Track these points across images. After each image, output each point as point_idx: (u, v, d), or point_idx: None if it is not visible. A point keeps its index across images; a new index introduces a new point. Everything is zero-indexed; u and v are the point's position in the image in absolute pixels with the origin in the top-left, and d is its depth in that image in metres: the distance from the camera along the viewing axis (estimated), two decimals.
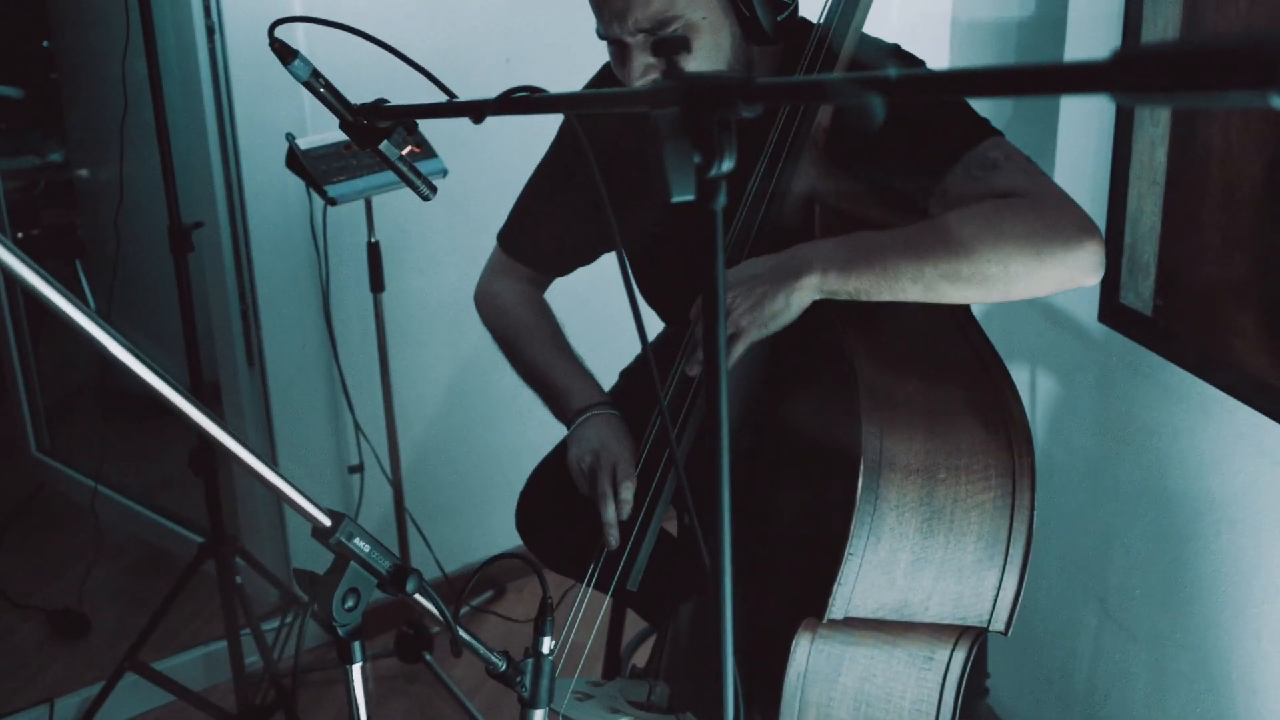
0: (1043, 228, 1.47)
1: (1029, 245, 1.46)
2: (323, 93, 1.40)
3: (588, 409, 1.82)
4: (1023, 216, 1.48)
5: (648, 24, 1.56)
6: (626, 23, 1.56)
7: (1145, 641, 2.14)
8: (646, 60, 1.59)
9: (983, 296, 1.49)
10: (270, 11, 2.61)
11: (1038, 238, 1.46)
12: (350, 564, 1.24)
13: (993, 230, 1.46)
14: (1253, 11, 1.70)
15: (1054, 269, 1.47)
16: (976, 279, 1.46)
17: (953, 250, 1.46)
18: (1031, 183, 1.53)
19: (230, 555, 2.62)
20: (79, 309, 0.95)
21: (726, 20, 1.61)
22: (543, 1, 2.95)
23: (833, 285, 1.48)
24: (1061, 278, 1.49)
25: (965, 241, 1.46)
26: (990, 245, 1.45)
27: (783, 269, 1.51)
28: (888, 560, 1.47)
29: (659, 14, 1.55)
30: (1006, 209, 1.49)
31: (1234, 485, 1.90)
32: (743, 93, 0.82)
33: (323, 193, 2.45)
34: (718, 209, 0.86)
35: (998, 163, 1.54)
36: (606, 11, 1.58)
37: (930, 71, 0.70)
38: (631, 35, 1.57)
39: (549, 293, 2.10)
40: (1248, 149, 1.74)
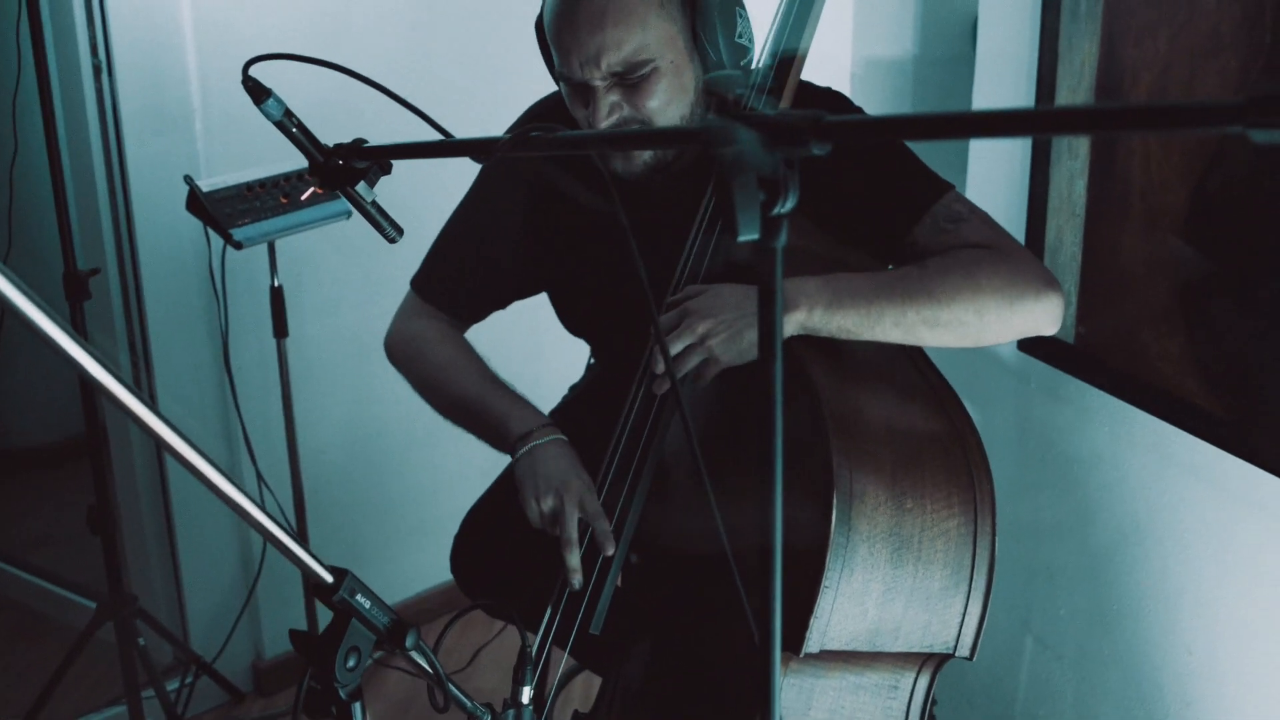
0: (1016, 279, 1.55)
1: (1003, 295, 1.53)
2: (294, 133, 1.35)
3: (531, 433, 1.77)
4: (997, 268, 1.55)
5: (620, 67, 1.57)
6: (600, 66, 1.57)
7: (1072, 661, 2.19)
8: (612, 100, 1.60)
9: (954, 341, 1.55)
10: (159, 49, 2.56)
11: (1011, 288, 1.54)
12: (352, 621, 1.19)
13: (971, 280, 1.53)
14: (1171, 48, 1.77)
15: (1023, 318, 1.56)
16: (953, 325, 1.52)
17: (934, 297, 1.52)
18: (996, 236, 1.62)
19: (132, 616, 2.51)
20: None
21: (691, 63, 1.63)
22: (441, 42, 2.92)
23: (817, 323, 1.50)
24: (1028, 326, 1.58)
25: (945, 289, 1.52)
26: (969, 294, 1.52)
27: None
28: (861, 591, 1.47)
29: (630, 57, 1.57)
30: (984, 260, 1.56)
31: (1160, 504, 1.96)
32: (815, 131, 0.82)
33: (227, 236, 2.37)
34: (779, 246, 0.86)
35: (963, 215, 1.62)
36: (576, 55, 1.58)
37: (1040, 110, 0.71)
38: (601, 79, 1.58)
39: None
40: (1169, 180, 1.80)
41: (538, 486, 1.68)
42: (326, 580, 1.17)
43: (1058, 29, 1.98)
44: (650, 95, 1.61)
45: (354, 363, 2.98)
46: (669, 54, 1.61)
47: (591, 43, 1.58)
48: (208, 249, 2.60)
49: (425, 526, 3.22)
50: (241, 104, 2.62)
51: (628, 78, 1.60)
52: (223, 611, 2.91)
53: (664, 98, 1.62)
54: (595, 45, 1.57)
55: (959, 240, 1.59)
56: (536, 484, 1.68)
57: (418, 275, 2.00)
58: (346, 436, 3.04)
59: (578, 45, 1.59)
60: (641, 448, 1.66)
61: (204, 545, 2.88)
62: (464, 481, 3.21)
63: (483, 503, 2.03)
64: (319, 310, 2.89)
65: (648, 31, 1.58)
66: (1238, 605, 1.85)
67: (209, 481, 1.05)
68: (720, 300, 1.56)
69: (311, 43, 2.73)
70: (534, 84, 1.91)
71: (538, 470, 1.70)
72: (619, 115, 1.63)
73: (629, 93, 1.62)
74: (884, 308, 1.51)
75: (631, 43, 1.57)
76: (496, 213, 1.91)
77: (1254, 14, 1.64)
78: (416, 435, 3.12)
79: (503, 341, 2.08)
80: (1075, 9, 1.94)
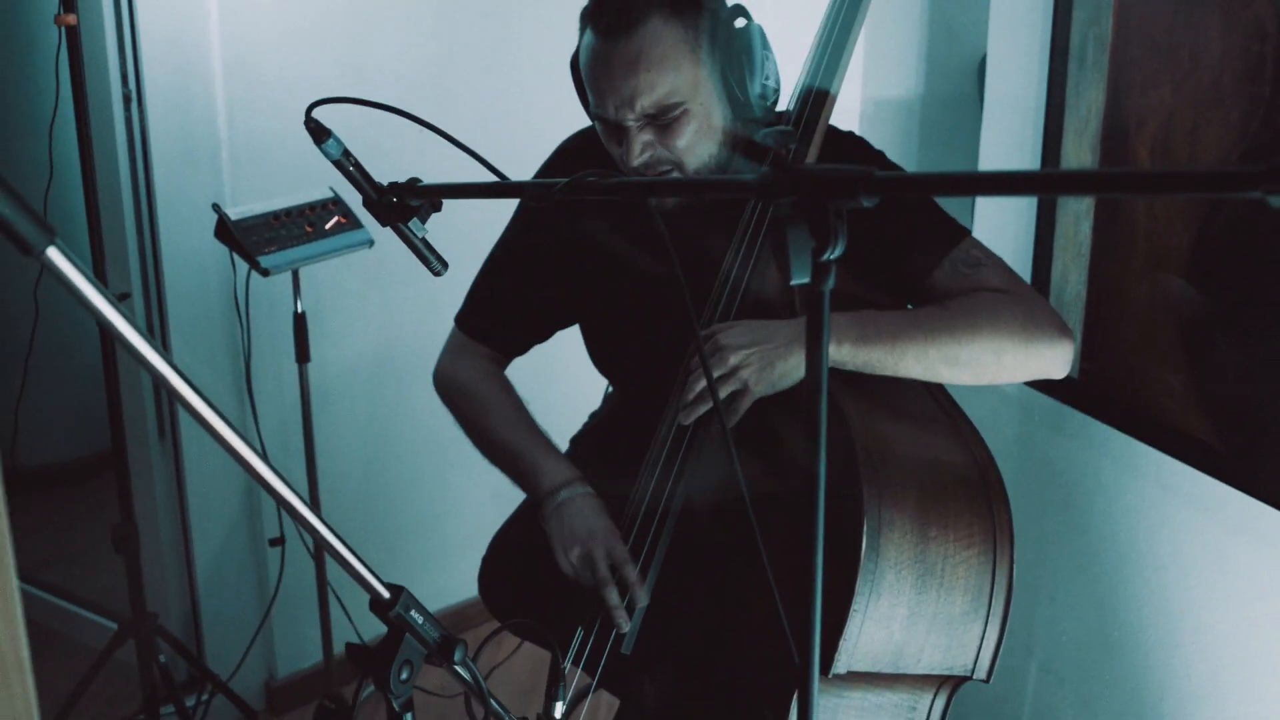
0: (1031, 323, 1.64)
1: (1020, 338, 1.62)
2: (351, 170, 1.42)
3: (560, 488, 1.85)
4: (1015, 312, 1.64)
5: (653, 109, 1.64)
6: (634, 109, 1.64)
7: (1073, 684, 2.26)
8: (645, 139, 1.67)
9: (971, 379, 1.63)
10: (189, 81, 2.63)
11: (1028, 331, 1.63)
12: (405, 636, 1.25)
13: (991, 321, 1.61)
14: (1176, 98, 1.86)
15: (1037, 361, 1.65)
16: (972, 364, 1.60)
17: (956, 336, 1.60)
18: (1012, 281, 1.70)
19: (153, 635, 2.56)
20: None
21: (720, 104, 1.70)
22: (456, 78, 3.00)
23: (845, 356, 1.58)
24: (1041, 369, 1.66)
25: (966, 329, 1.61)
26: (989, 335, 1.60)
27: (798, 335, 1.60)
28: (887, 615, 1.54)
29: (662, 100, 1.64)
30: (1003, 303, 1.64)
31: (1160, 534, 2.04)
32: (865, 185, 0.90)
33: (255, 263, 2.44)
34: (826, 290, 0.93)
35: (981, 261, 1.70)
36: (612, 98, 1.65)
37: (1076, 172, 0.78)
38: (635, 120, 1.65)
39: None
40: (1173, 224, 1.89)
41: (565, 540, 1.77)
42: (385, 596, 1.24)
43: (1065, 76, 2.06)
44: (681, 135, 1.69)
45: (372, 388, 3.04)
46: (699, 96, 1.68)
47: (626, 86, 1.65)
48: (233, 275, 2.66)
49: (440, 550, 3.28)
50: (266, 135, 2.73)
51: (660, 119, 1.67)
52: (237, 630, 2.96)
53: (694, 138, 1.70)
54: (629, 89, 1.65)
55: (977, 283, 1.67)
56: (564, 538, 1.77)
57: (462, 312, 2.08)
58: (364, 460, 3.11)
59: (612, 88, 1.66)
60: (674, 475, 1.73)
61: (221, 565, 2.93)
62: (478, 506, 3.28)
63: (510, 524, 2.09)
64: (339, 336, 2.95)
65: (680, 75, 1.65)
66: (1236, 631, 1.93)
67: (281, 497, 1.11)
68: (751, 333, 1.64)
69: (335, 80, 2.80)
70: (551, 122, 1.99)
71: (565, 524, 1.79)
72: (651, 154, 1.70)
73: (660, 133, 1.69)
74: (907, 345, 1.59)
75: (664, 86, 1.65)
76: (536, 248, 1.98)
77: (1254, 68, 1.73)
78: (431, 460, 3.19)
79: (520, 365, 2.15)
80: (1083, 57, 2.03)
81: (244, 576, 2.98)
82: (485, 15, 3.04)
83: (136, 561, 2.56)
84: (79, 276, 0.86)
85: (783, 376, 1.61)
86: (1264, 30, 1.70)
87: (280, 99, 2.73)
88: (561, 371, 2.72)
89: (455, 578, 3.31)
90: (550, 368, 2.84)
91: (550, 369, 2.84)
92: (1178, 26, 1.85)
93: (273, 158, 2.76)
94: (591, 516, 1.79)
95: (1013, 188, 0.90)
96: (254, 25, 2.69)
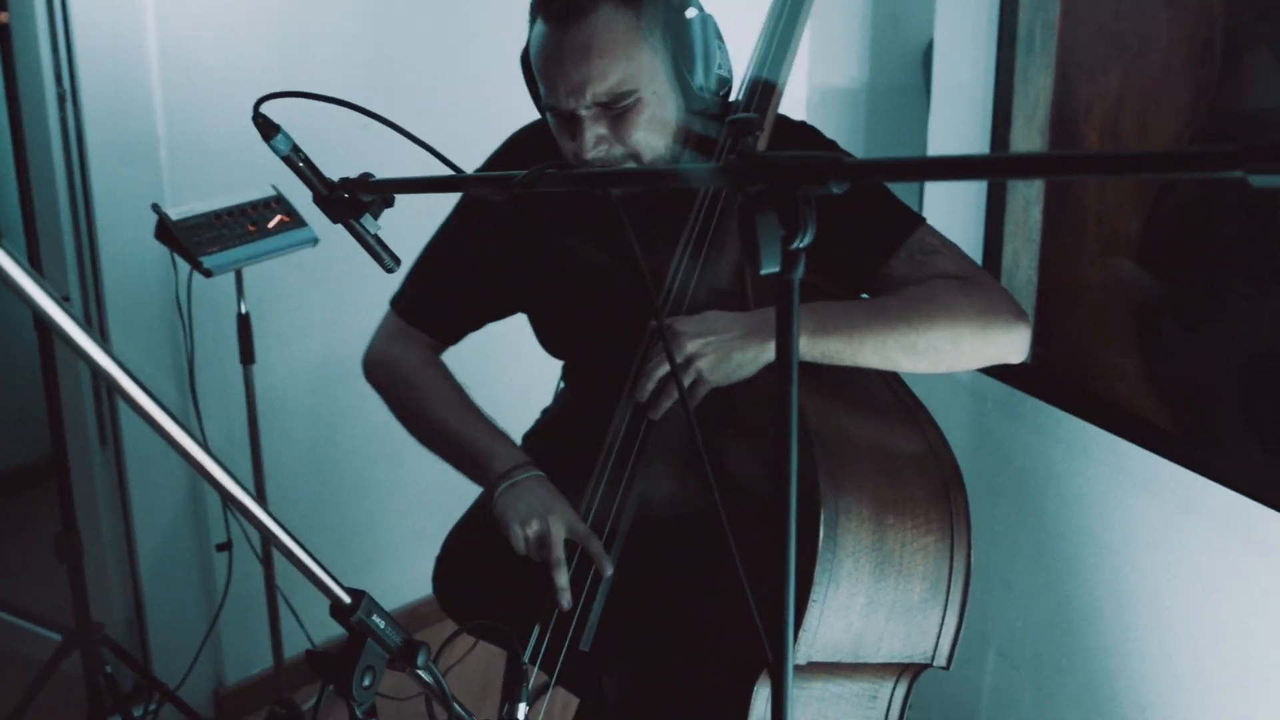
0: (988, 309, 1.62)
1: (977, 324, 1.60)
2: (301, 167, 1.38)
3: (511, 471, 1.81)
4: (971, 298, 1.62)
5: (605, 98, 1.62)
6: (584, 97, 1.61)
7: (1029, 669, 2.26)
8: (598, 131, 1.65)
9: (928, 367, 1.61)
10: (126, 79, 2.57)
11: (984, 318, 1.61)
12: (368, 641, 1.22)
13: (946, 309, 1.60)
14: (1124, 83, 1.86)
15: (994, 347, 1.63)
16: (930, 352, 1.59)
17: (913, 324, 1.58)
18: (968, 267, 1.69)
19: (99, 645, 2.50)
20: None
21: (673, 94, 1.68)
22: (398, 71, 2.96)
23: (802, 348, 1.56)
24: (998, 355, 1.64)
25: (922, 317, 1.59)
26: (945, 322, 1.59)
27: (755, 327, 1.58)
28: (845, 605, 1.53)
29: (614, 88, 1.61)
30: (958, 290, 1.63)
31: (1113, 517, 2.04)
32: (835, 172, 0.88)
33: (197, 264, 2.38)
34: (795, 279, 0.91)
35: (936, 248, 1.69)
36: (564, 86, 1.62)
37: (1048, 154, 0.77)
38: (587, 108, 1.63)
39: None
40: (1123, 207, 1.89)
41: (521, 515, 1.71)
42: (346, 602, 1.20)
43: (1013, 63, 2.06)
44: (635, 126, 1.66)
45: (318, 388, 2.99)
46: (652, 85, 1.66)
47: (577, 74, 1.62)
48: (174, 277, 2.61)
49: (392, 548, 3.25)
50: (206, 133, 2.68)
51: (613, 108, 1.65)
52: (184, 637, 2.91)
53: (648, 128, 1.68)
54: (581, 76, 1.62)
55: (933, 271, 1.66)
56: (519, 513, 1.71)
57: (398, 295, 2.02)
58: (312, 461, 3.06)
59: (564, 76, 1.64)
60: (630, 466, 1.70)
61: (166, 571, 2.88)
62: (429, 503, 3.24)
63: (464, 523, 2.06)
64: (283, 337, 2.91)
65: (632, 63, 1.63)
66: (1190, 611, 1.94)
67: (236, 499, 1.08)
68: (707, 323, 1.61)
69: (276, 76, 2.75)
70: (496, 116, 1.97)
71: (519, 502, 1.73)
72: (605, 147, 1.68)
73: (614, 123, 1.66)
74: (865, 335, 1.58)
75: (616, 73, 1.62)
76: (479, 233, 1.94)
77: (1203, 51, 1.73)
78: (380, 459, 3.15)
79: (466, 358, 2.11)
80: (1030, 43, 2.03)
81: (190, 582, 2.92)
82: (427, 7, 3.01)
83: (80, 570, 2.50)
84: (20, 273, 0.83)
85: (739, 367, 1.59)
86: (1212, 14, 1.70)
87: (219, 96, 2.68)
88: (510, 366, 2.69)
89: (408, 576, 3.27)
90: (497, 362, 2.81)
91: (498, 363, 2.82)
92: (1126, 11, 1.85)
93: (213, 156, 2.71)
94: (547, 493, 1.75)
95: (989, 170, 0.89)
96: (192, 21, 2.63)
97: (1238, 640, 1.87)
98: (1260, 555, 1.81)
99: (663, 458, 1.72)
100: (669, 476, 1.72)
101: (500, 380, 2.42)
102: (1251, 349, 1.73)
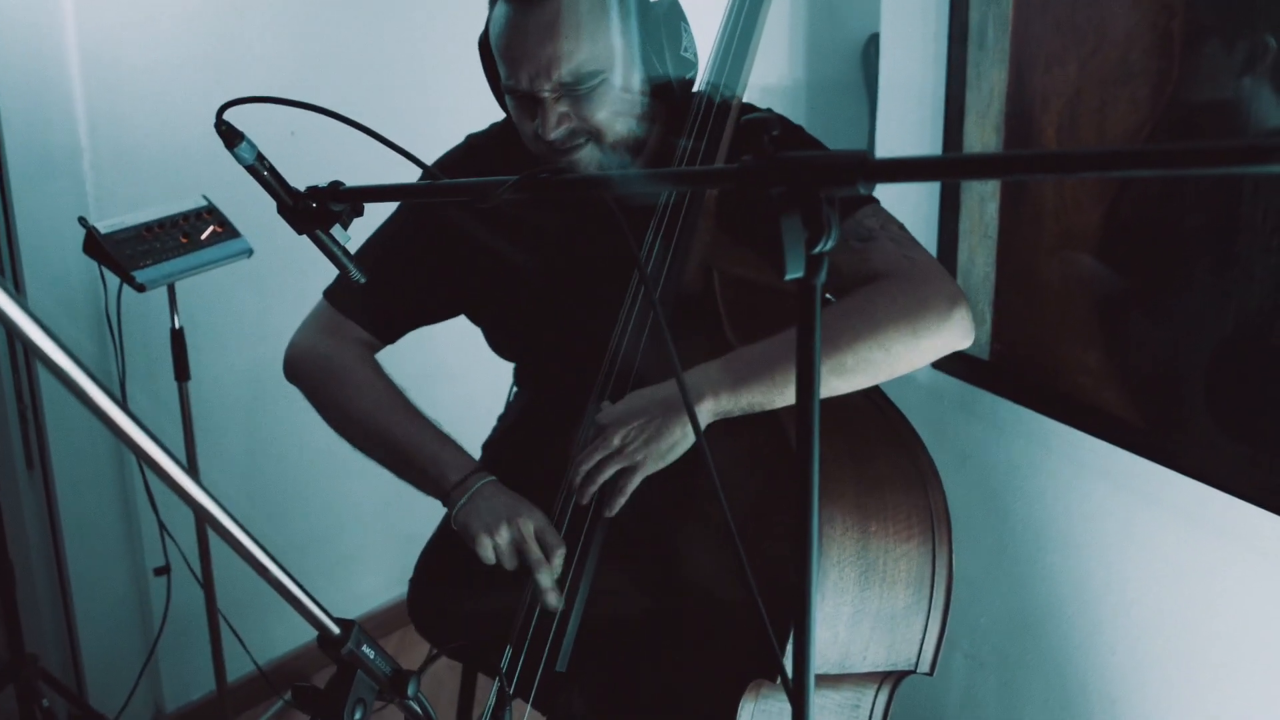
0: (915, 305, 1.55)
1: (905, 325, 1.53)
2: (265, 176, 1.31)
3: (466, 481, 1.73)
4: (894, 299, 1.55)
5: (569, 79, 1.58)
6: (550, 78, 1.57)
7: (994, 667, 2.26)
8: (561, 110, 1.61)
9: (867, 381, 1.56)
10: (45, 89, 2.47)
11: (912, 316, 1.54)
12: (357, 673, 1.16)
13: (869, 320, 1.53)
14: (1082, 75, 1.85)
15: (931, 341, 1.56)
16: (861, 367, 1.53)
17: (836, 346, 1.52)
18: (902, 254, 1.61)
19: (34, 678, 2.40)
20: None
21: (638, 76, 1.65)
22: (329, 74, 2.88)
23: (725, 406, 1.52)
24: (939, 347, 1.58)
25: (845, 336, 1.52)
26: (869, 334, 1.52)
27: (672, 400, 1.53)
28: (832, 616, 1.50)
29: (579, 68, 1.58)
30: (878, 294, 1.56)
31: (1077, 512, 2.04)
32: (864, 171, 0.84)
33: (129, 279, 2.29)
34: (818, 284, 0.88)
35: (873, 233, 1.63)
36: (527, 67, 1.58)
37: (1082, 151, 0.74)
38: (550, 90, 1.58)
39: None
40: (1082, 202, 1.89)
41: (488, 523, 1.64)
42: (335, 633, 1.15)
43: (965, 58, 2.05)
44: (599, 106, 1.62)
45: (255, 403, 2.91)
46: (618, 66, 1.62)
47: (542, 54, 1.58)
48: (103, 292, 2.51)
49: (336, 563, 3.17)
50: (131, 143, 2.58)
51: (577, 89, 1.61)
52: (121, 665, 2.81)
53: (612, 109, 1.64)
54: (545, 56, 1.58)
55: (864, 266, 1.60)
56: (486, 521, 1.65)
57: (333, 286, 1.91)
58: (250, 478, 2.97)
59: (528, 57, 1.59)
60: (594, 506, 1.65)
61: (101, 598, 2.78)
62: (372, 516, 3.18)
63: (436, 543, 1.99)
64: (218, 351, 2.82)
65: (597, 43, 1.59)
66: (1159, 604, 1.94)
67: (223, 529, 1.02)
68: (629, 406, 1.57)
69: (203, 83, 2.66)
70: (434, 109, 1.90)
71: (483, 509, 1.67)
72: (568, 126, 1.63)
73: (577, 104, 1.62)
74: (787, 372, 1.52)
75: (581, 54, 1.58)
76: (425, 228, 1.87)
77: (1162, 43, 1.73)
78: (321, 473, 3.07)
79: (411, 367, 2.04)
80: (983, 38, 2.01)
81: (126, 608, 2.82)
82: (353, 8, 2.93)
83: (13, 601, 2.39)
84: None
85: (670, 448, 1.54)
86: (1171, 5, 1.70)
87: (144, 105, 2.59)
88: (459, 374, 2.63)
89: (352, 592, 3.20)
90: (446, 372, 2.75)
91: (446, 373, 2.76)
92: (1081, 3, 1.84)
93: (138, 166, 2.62)
94: (510, 497, 1.69)
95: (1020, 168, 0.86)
96: (113, 29, 2.53)
97: (1206, 632, 1.88)
98: (1226, 545, 1.82)
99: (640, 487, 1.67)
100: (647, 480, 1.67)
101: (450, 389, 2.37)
102: (1217, 339, 1.73)
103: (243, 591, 2.91)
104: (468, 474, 1.73)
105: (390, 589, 3.28)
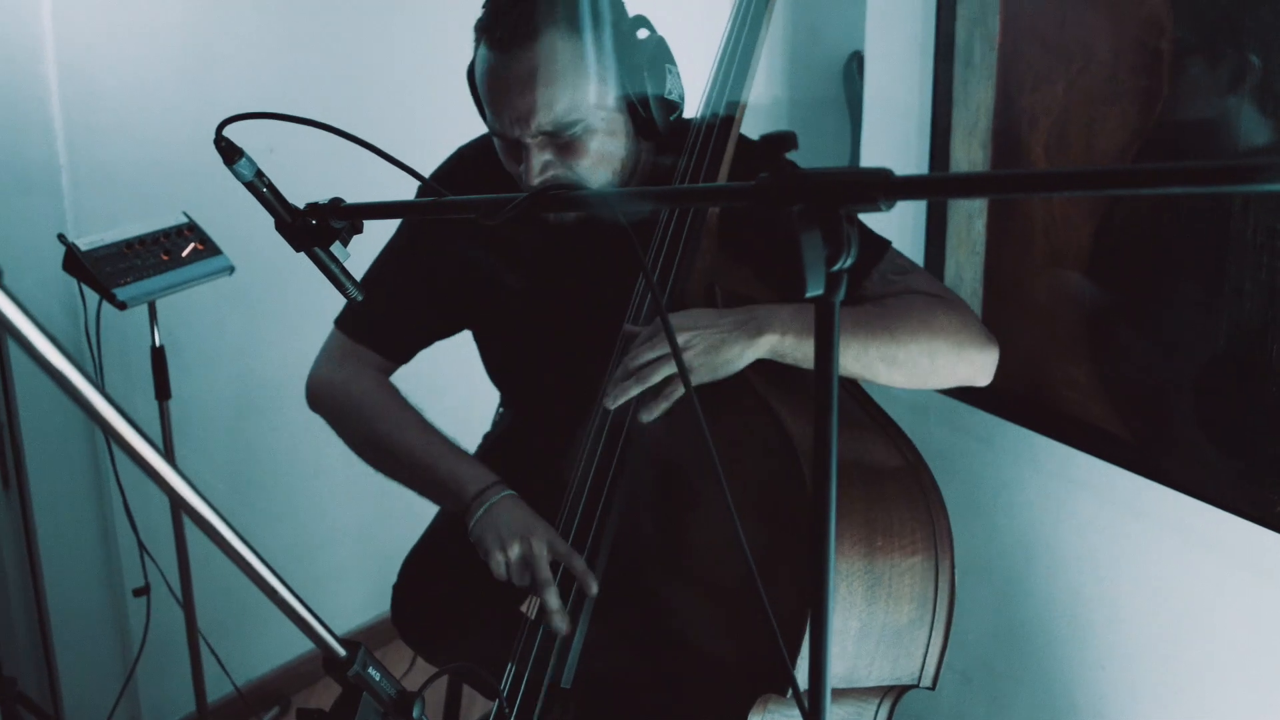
0: (963, 328, 1.62)
1: (954, 342, 1.60)
2: (265, 193, 1.30)
3: (485, 493, 1.74)
4: (950, 316, 1.62)
5: (550, 127, 1.58)
6: (529, 126, 1.57)
7: (981, 683, 2.27)
8: (545, 158, 1.61)
9: (904, 381, 1.60)
10: (23, 104, 2.44)
11: (961, 336, 1.61)
12: (363, 696, 1.15)
13: (927, 324, 1.59)
14: (1070, 95, 1.88)
15: (967, 366, 1.63)
16: (908, 365, 1.57)
17: (895, 336, 1.57)
18: (941, 287, 1.70)
19: (13, 701, 2.36)
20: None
21: (621, 119, 1.65)
22: (307, 88, 2.87)
23: (787, 347, 1.52)
24: (969, 375, 1.65)
25: (905, 330, 1.57)
26: (925, 337, 1.58)
27: (743, 323, 1.53)
28: (840, 631, 1.50)
29: (560, 117, 1.57)
30: (938, 306, 1.62)
31: (1066, 526, 2.06)
32: (885, 188, 0.85)
33: (110, 297, 2.27)
34: (837, 301, 0.88)
35: (907, 268, 1.69)
36: (508, 115, 1.58)
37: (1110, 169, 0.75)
38: (532, 137, 1.58)
39: None
40: (1072, 218, 1.91)
41: (502, 537, 1.65)
42: (340, 655, 1.14)
43: (951, 76, 2.07)
44: (583, 154, 1.62)
45: (236, 421, 2.88)
46: (600, 112, 1.62)
47: (522, 103, 1.57)
48: (82, 310, 2.48)
49: (319, 579, 3.15)
50: (110, 160, 2.55)
51: (559, 137, 1.61)
52: (100, 687, 2.77)
53: (596, 156, 1.63)
54: (525, 106, 1.57)
55: (907, 288, 1.65)
56: (500, 535, 1.65)
57: (343, 314, 1.94)
58: (231, 496, 2.94)
59: (508, 105, 1.59)
60: (609, 484, 1.65)
61: (79, 619, 2.74)
62: (349, 536, 3.16)
63: (422, 547, 1.98)
64: (198, 369, 2.79)
65: (578, 92, 1.59)
66: (1150, 619, 1.96)
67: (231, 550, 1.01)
68: (695, 318, 1.55)
69: (183, 100, 2.64)
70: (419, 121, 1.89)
71: (499, 523, 1.67)
72: (552, 173, 1.63)
73: (561, 151, 1.62)
74: (849, 341, 1.55)
75: (562, 103, 1.58)
76: (428, 247, 1.88)
77: (1150, 62, 1.75)
78: (302, 491, 3.04)
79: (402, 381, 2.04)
80: (969, 56, 2.03)
81: (104, 630, 2.78)
82: (333, 24, 2.92)
83: None
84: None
85: (725, 363, 1.52)
86: (1160, 24, 1.72)
87: (123, 120, 2.56)
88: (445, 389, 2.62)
89: (334, 609, 3.18)
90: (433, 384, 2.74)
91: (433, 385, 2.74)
92: (1069, 22, 1.86)
93: (118, 183, 2.59)
94: (526, 513, 1.69)
95: (1044, 186, 0.87)
96: (91, 43, 2.51)
97: (1196, 646, 1.90)
98: (1215, 559, 1.84)
99: (642, 473, 1.67)
100: (650, 493, 1.67)
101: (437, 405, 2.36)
102: (1207, 354, 1.75)
103: (222, 611, 2.88)
104: (485, 487, 1.75)
105: (371, 608, 3.26)
